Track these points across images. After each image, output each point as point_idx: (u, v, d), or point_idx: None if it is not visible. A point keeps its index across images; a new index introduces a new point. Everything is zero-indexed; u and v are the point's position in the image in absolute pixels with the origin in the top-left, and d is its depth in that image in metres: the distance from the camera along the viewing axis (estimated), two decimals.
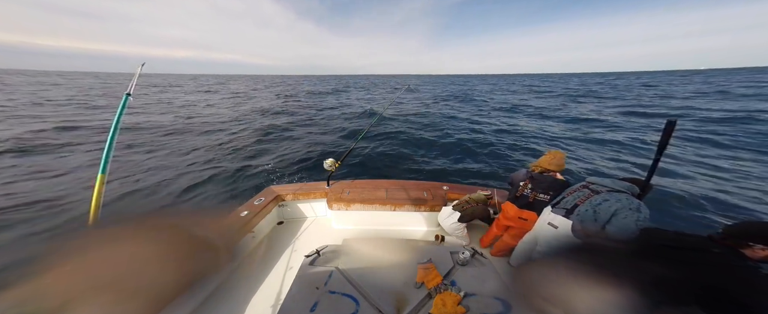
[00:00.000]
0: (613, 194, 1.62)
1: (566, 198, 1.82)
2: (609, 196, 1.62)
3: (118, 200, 4.72)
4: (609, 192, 1.65)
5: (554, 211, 1.80)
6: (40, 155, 7.04)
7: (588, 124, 11.97)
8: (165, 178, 5.78)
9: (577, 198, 1.75)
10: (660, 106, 17.01)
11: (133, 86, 1.51)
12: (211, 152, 7.73)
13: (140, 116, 13.11)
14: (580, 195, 1.75)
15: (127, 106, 1.48)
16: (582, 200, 1.71)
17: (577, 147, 8.52)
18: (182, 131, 10.29)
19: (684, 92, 25.83)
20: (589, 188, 1.76)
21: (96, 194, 1.27)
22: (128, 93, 1.48)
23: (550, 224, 1.78)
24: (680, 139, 8.74)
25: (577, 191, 1.80)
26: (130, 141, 8.54)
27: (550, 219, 1.80)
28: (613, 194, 1.62)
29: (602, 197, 1.63)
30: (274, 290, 1.93)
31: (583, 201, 1.70)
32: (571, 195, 1.81)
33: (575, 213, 1.68)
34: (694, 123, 11.14)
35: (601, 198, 1.63)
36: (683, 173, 6.06)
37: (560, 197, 1.89)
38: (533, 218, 2.05)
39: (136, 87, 1.53)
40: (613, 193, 1.63)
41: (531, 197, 2.12)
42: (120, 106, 1.44)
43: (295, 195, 2.83)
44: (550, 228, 1.77)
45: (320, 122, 12.91)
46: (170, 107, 17.77)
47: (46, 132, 9.23)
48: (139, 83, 1.80)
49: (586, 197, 1.71)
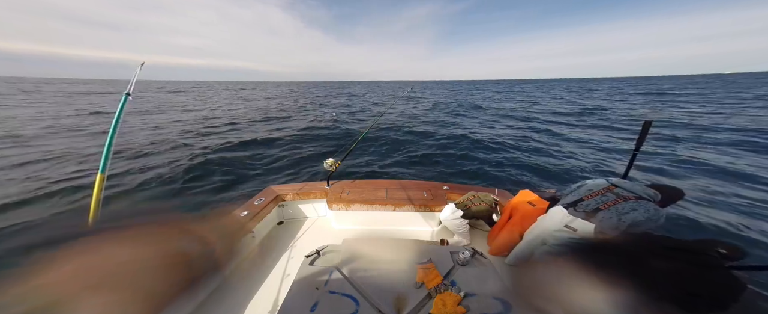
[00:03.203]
0: (642, 203, 1.51)
1: (586, 201, 1.68)
2: (637, 205, 1.50)
3: (117, 201, 4.74)
4: (637, 200, 1.53)
5: (572, 213, 1.66)
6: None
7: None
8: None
9: (600, 202, 1.61)
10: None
11: (133, 86, 1.51)
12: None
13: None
14: (605, 199, 1.61)
15: (127, 106, 1.48)
16: (606, 205, 1.57)
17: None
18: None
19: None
20: (614, 193, 1.63)
21: (96, 194, 1.27)
22: (127, 93, 1.48)
23: (567, 227, 1.65)
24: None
25: (600, 195, 1.66)
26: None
27: (567, 222, 1.66)
28: (642, 202, 1.51)
29: (630, 206, 1.51)
30: (274, 290, 1.92)
31: (608, 206, 1.56)
32: (592, 198, 1.66)
33: (598, 218, 1.56)
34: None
35: (629, 206, 1.51)
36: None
37: (578, 197, 1.74)
38: (542, 206, 2.00)
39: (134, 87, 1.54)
40: (641, 202, 1.52)
41: (558, 196, 2.10)
42: (119, 106, 1.44)
43: (295, 195, 2.83)
44: (566, 231, 1.65)
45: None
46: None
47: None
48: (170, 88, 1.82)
49: (611, 203, 1.58)
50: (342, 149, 8.25)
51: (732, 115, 13.59)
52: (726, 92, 30.13)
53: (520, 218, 2.15)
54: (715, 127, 10.84)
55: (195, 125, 12.56)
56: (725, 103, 19.46)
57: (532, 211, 2.11)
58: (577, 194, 1.76)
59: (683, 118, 13.09)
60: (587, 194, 1.71)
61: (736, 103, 19.17)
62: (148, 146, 8.31)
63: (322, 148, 8.80)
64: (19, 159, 6.78)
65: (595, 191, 1.70)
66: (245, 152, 8.10)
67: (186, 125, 12.38)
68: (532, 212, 2.09)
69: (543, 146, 8.84)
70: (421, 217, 2.67)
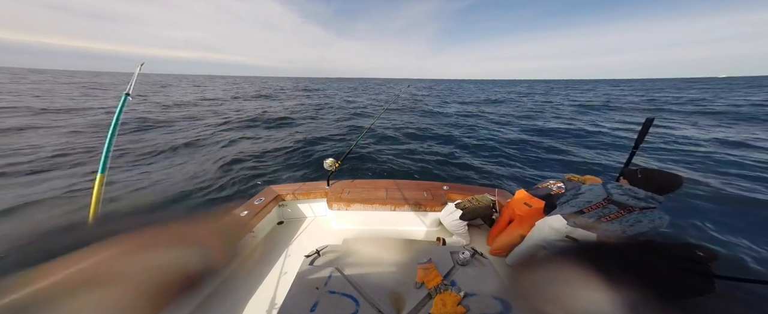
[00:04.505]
0: (647, 214, 1.47)
1: (587, 214, 1.63)
2: (642, 216, 1.47)
3: (118, 199, 4.74)
4: (641, 211, 1.48)
5: (572, 226, 1.64)
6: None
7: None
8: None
9: (602, 215, 1.56)
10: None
11: (133, 85, 1.51)
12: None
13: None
14: (607, 212, 1.57)
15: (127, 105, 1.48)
16: (610, 218, 1.53)
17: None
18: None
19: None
20: (615, 203, 1.56)
21: (96, 194, 1.27)
22: (127, 93, 1.48)
23: (568, 237, 1.63)
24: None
25: (601, 207, 1.60)
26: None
27: (567, 232, 1.64)
28: (647, 213, 1.47)
29: (635, 218, 1.48)
30: (274, 290, 1.92)
31: (612, 219, 1.52)
32: (594, 211, 1.61)
33: (601, 229, 1.53)
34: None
35: (634, 218, 1.48)
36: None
37: (577, 209, 1.70)
38: (538, 206, 2.01)
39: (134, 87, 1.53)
40: (646, 212, 1.48)
41: (554, 191, 2.11)
42: (119, 106, 1.44)
43: (295, 195, 2.83)
44: (568, 241, 1.63)
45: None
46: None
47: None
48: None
49: (615, 215, 1.53)
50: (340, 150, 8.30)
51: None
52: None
53: (519, 219, 2.17)
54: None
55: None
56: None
57: (529, 212, 2.13)
58: (575, 205, 1.72)
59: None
60: (587, 207, 1.66)
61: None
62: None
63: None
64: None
65: (595, 203, 1.65)
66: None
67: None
68: (530, 213, 2.11)
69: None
70: (421, 217, 2.67)
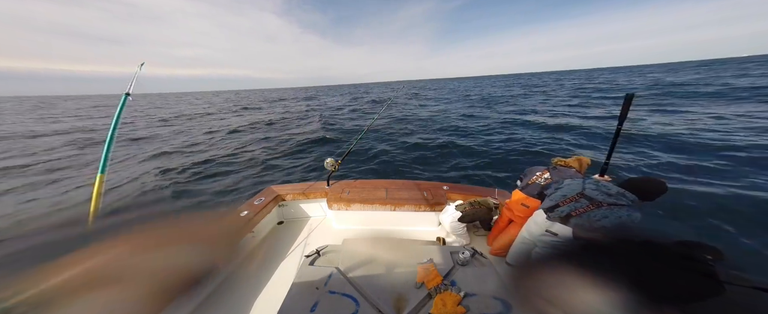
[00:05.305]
0: (614, 210, 1.50)
1: (561, 207, 1.70)
2: (609, 212, 1.50)
3: (116, 201, 4.76)
4: (609, 207, 1.52)
5: (550, 219, 1.70)
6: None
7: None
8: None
9: (573, 209, 1.62)
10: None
11: (133, 85, 1.51)
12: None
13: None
14: (578, 206, 1.63)
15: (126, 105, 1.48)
16: (578, 212, 1.58)
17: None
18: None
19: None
20: (587, 198, 1.63)
21: (95, 194, 1.27)
22: (127, 93, 1.48)
23: (548, 231, 1.68)
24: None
25: (573, 201, 1.67)
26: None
27: (547, 226, 1.70)
28: (614, 209, 1.50)
29: (602, 213, 1.52)
30: (274, 290, 1.92)
31: (580, 213, 1.57)
32: (567, 204, 1.68)
33: (571, 224, 1.58)
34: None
35: (600, 214, 1.52)
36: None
37: (554, 202, 1.76)
38: (535, 206, 2.01)
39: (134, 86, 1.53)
40: (613, 208, 1.51)
41: (543, 183, 2.10)
42: (119, 106, 1.44)
43: (295, 195, 2.83)
44: (548, 235, 1.68)
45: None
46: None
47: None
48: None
49: (583, 210, 1.58)
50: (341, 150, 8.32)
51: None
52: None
53: (519, 220, 2.17)
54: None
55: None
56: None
57: (528, 213, 2.13)
58: (553, 199, 1.77)
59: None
60: (562, 200, 1.72)
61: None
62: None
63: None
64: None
65: (569, 196, 1.71)
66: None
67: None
68: (528, 214, 2.11)
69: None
70: (421, 217, 2.67)
